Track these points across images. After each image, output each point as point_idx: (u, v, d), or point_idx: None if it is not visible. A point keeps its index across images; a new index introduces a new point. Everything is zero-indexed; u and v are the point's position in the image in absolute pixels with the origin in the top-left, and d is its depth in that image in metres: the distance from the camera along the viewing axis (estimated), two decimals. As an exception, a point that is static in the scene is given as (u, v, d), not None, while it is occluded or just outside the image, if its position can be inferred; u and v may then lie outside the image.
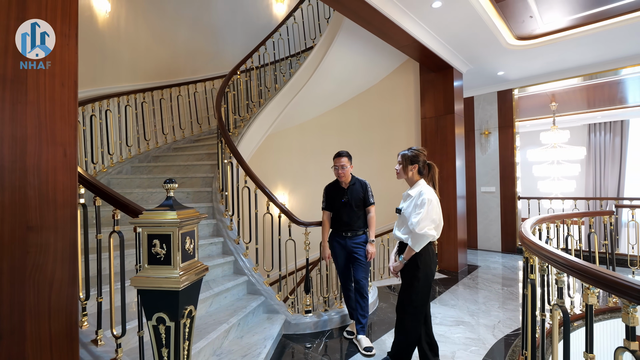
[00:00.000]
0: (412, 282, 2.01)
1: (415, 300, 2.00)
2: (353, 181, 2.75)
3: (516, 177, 5.84)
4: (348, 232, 2.70)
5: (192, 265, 1.30)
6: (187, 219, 1.26)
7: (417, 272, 1.99)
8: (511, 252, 5.79)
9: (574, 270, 1.05)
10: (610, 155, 8.47)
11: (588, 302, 1.01)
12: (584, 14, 3.82)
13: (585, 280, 0.99)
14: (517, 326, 2.91)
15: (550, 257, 1.26)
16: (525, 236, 1.57)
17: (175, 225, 1.20)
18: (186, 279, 1.22)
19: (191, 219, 1.28)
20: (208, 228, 3.24)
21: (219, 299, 2.66)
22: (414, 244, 1.94)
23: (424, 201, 1.93)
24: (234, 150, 3.08)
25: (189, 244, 1.29)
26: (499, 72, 5.28)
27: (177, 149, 4.79)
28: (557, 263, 1.23)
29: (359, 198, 2.70)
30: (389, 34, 3.73)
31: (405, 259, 2.01)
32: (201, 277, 1.34)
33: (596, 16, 3.87)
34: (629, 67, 5.00)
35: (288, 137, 6.32)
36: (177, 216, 1.21)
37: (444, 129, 4.81)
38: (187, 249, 1.28)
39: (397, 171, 2.17)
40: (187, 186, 3.78)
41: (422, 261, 1.98)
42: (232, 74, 4.22)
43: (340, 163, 2.68)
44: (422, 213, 1.90)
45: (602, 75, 5.49)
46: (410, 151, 2.12)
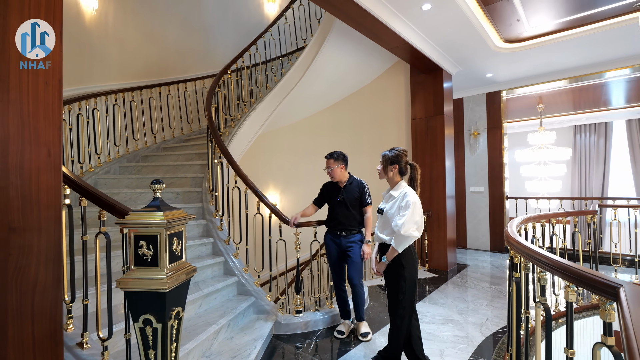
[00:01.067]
0: (399, 282, 2.03)
1: (404, 301, 2.03)
2: (350, 181, 2.78)
3: (504, 178, 5.95)
4: (342, 230, 2.72)
5: (180, 267, 1.29)
6: (175, 220, 1.25)
7: (403, 271, 2.02)
8: (499, 251, 5.89)
9: (556, 269, 1.08)
10: (595, 156, 8.69)
11: (568, 299, 1.04)
12: (569, 18, 3.91)
13: (566, 278, 1.02)
14: (504, 323, 2.96)
15: (533, 255, 1.29)
16: (510, 235, 1.61)
17: (162, 226, 1.19)
18: (174, 280, 1.21)
19: (179, 219, 1.28)
20: (198, 229, 3.21)
21: (209, 300, 2.65)
22: (398, 244, 1.96)
23: (408, 203, 1.95)
24: (224, 150, 3.07)
25: (176, 245, 1.28)
26: (487, 74, 5.37)
27: (166, 148, 4.73)
28: (540, 262, 1.26)
29: (354, 198, 2.72)
30: (379, 35, 3.76)
31: (388, 259, 2.03)
32: (189, 278, 1.34)
33: (580, 20, 3.96)
34: (612, 70, 5.14)
35: (279, 137, 6.31)
36: (165, 217, 1.20)
37: (434, 129, 4.86)
38: (175, 250, 1.27)
39: (379, 171, 2.20)
40: (177, 186, 3.74)
41: (406, 260, 2.02)
42: (222, 73, 4.19)
43: (326, 165, 2.76)
44: (406, 215, 1.92)
45: (587, 78, 5.62)
46: (391, 152, 2.15)
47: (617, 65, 5.06)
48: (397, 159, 2.11)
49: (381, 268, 2.10)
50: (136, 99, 4.58)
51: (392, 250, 2.00)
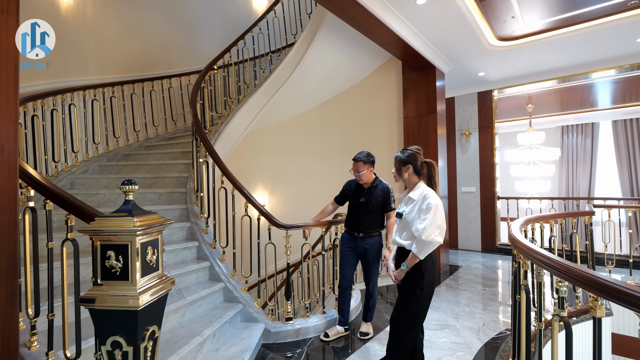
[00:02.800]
0: (414, 291, 1.88)
1: (415, 310, 1.88)
2: (375, 183, 2.69)
3: (496, 178, 5.93)
4: (360, 232, 2.66)
5: (156, 280, 1.13)
6: (149, 226, 1.09)
7: (422, 280, 1.87)
8: (491, 251, 5.87)
9: (580, 280, 0.97)
10: (581, 157, 8.81)
11: (596, 315, 0.94)
12: (562, 17, 3.88)
13: (593, 291, 0.91)
14: (502, 329, 2.88)
15: (550, 263, 1.18)
16: (519, 240, 1.50)
17: (134, 233, 1.03)
18: (147, 296, 1.05)
19: (154, 225, 1.11)
20: (182, 231, 3.03)
21: (193, 308, 2.47)
22: (419, 251, 1.81)
23: (429, 206, 1.81)
24: (210, 148, 2.89)
25: (151, 254, 1.12)
26: (479, 72, 5.33)
27: (149, 147, 4.51)
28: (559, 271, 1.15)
29: (377, 202, 2.64)
30: (372, 30, 3.64)
31: (408, 266, 1.88)
32: (166, 292, 1.17)
33: (573, 19, 3.94)
34: (599, 70, 5.16)
35: (268, 135, 6.14)
36: (137, 223, 1.04)
37: (426, 128, 4.78)
38: (149, 260, 1.11)
39: (394, 174, 2.06)
40: (160, 187, 3.54)
41: (426, 269, 1.87)
42: (209, 67, 4.01)
43: (355, 168, 2.64)
44: (428, 219, 1.78)
45: (575, 79, 5.66)
46: (403, 153, 2.01)
47: (604, 66, 5.09)
48: (410, 159, 1.97)
49: (400, 275, 1.94)
50: (117, 95, 4.35)
51: (413, 257, 1.85)
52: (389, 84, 5.28)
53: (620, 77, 5.76)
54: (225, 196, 2.86)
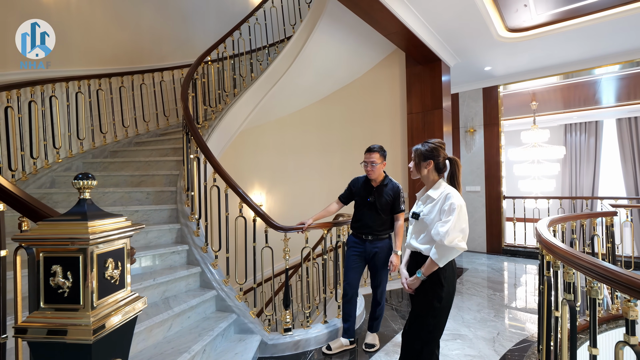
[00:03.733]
0: (431, 303, 1.64)
1: (432, 324, 1.64)
2: (385, 182, 2.45)
3: (501, 176, 5.72)
4: (369, 235, 2.43)
5: (118, 301, 0.89)
6: (109, 233, 0.84)
7: (441, 290, 1.62)
8: (497, 252, 5.66)
9: None
10: (585, 155, 8.63)
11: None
12: (575, 6, 3.66)
13: None
14: (518, 338, 2.66)
15: (608, 275, 0.95)
16: (559, 246, 1.27)
17: (86, 242, 0.79)
18: (106, 323, 0.81)
19: (116, 231, 0.87)
20: (171, 234, 2.78)
21: (181, 319, 2.23)
22: (440, 257, 1.57)
23: (453, 207, 1.57)
24: (201, 143, 2.64)
25: (111, 269, 0.87)
26: (486, 67, 5.11)
27: (139, 143, 4.25)
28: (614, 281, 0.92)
29: (386, 202, 2.41)
30: (376, 18, 3.41)
31: (425, 274, 1.64)
32: (134, 316, 0.93)
33: (586, 9, 3.73)
34: (608, 65, 4.95)
35: (266, 132, 5.89)
36: (92, 229, 0.80)
37: (431, 125, 4.56)
38: (109, 276, 0.86)
39: (410, 169, 1.83)
40: (148, 185, 3.28)
41: (446, 277, 1.63)
42: (202, 58, 3.76)
43: (370, 159, 2.39)
44: (451, 221, 1.54)
45: (581, 75, 5.45)
46: (424, 145, 1.77)
47: (615, 60, 4.88)
48: (432, 154, 1.72)
49: (415, 284, 1.69)
50: (104, 88, 4.08)
51: (431, 264, 1.61)
52: (392, 79, 5.05)
53: (626, 73, 5.57)
54: (217, 195, 2.61)
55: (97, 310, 0.80)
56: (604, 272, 0.98)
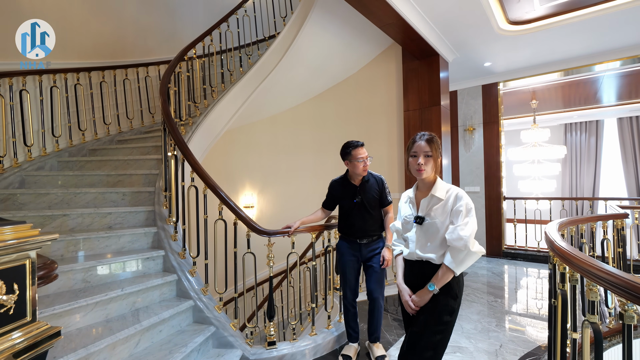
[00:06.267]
0: (441, 317, 1.42)
1: (438, 342, 1.42)
2: (367, 177, 2.28)
3: (502, 177, 5.53)
4: (364, 238, 2.27)
5: (14, 336, 0.67)
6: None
7: (454, 302, 1.43)
8: (497, 255, 5.46)
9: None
10: (586, 155, 8.47)
11: None
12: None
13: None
14: (523, 351, 2.45)
15: None
16: (580, 257, 1.06)
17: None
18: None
19: (12, 246, 0.66)
20: (146, 238, 2.56)
21: (151, 334, 2.00)
22: (459, 264, 1.38)
23: (469, 207, 1.40)
24: (178, 139, 2.43)
25: (3, 293, 0.66)
26: (485, 63, 4.92)
27: (121, 141, 4.02)
28: None
29: (373, 197, 2.24)
30: (370, 7, 3.20)
31: (438, 287, 1.42)
32: (40, 352, 0.71)
33: (588, 0, 3.54)
34: (612, 61, 4.77)
35: (257, 131, 5.68)
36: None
37: (429, 122, 4.35)
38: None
39: (422, 167, 1.48)
40: (125, 185, 3.06)
41: (459, 287, 1.45)
42: (186, 50, 3.54)
43: (366, 154, 2.25)
44: (470, 224, 1.36)
45: (583, 71, 5.27)
46: (432, 135, 1.54)
47: (618, 55, 4.70)
48: (441, 148, 1.55)
49: (424, 300, 1.45)
50: (83, 83, 3.86)
51: (447, 272, 1.40)
52: (388, 75, 4.84)
53: (627, 70, 5.40)
54: (195, 196, 2.39)
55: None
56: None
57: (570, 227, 2.26)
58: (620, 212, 2.53)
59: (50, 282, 0.79)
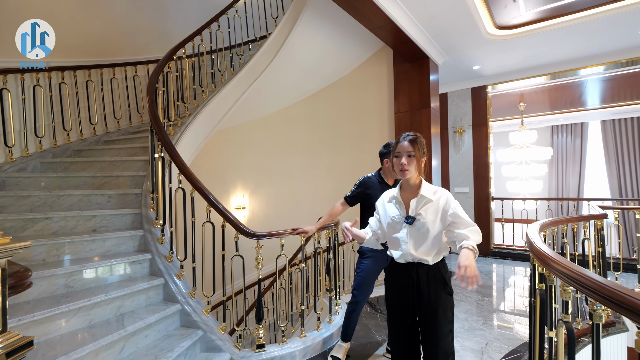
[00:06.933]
0: (446, 314, 1.46)
1: (452, 341, 1.49)
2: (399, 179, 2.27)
3: (490, 178, 5.61)
4: None
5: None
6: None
7: (452, 298, 1.50)
8: (485, 255, 5.54)
9: None
10: (571, 157, 8.66)
11: None
12: (564, 2, 3.55)
13: None
14: (508, 349, 2.50)
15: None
16: (555, 259, 1.08)
17: None
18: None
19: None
20: (133, 241, 2.52)
21: (136, 339, 1.97)
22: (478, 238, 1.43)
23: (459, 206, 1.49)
24: (165, 141, 2.40)
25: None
26: (474, 66, 4.98)
27: (108, 142, 3.95)
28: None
29: None
30: (361, 10, 3.21)
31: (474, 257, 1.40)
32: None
33: (574, 6, 3.62)
34: (595, 65, 4.88)
35: (250, 131, 5.65)
36: None
37: (419, 124, 4.39)
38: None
39: (405, 167, 1.48)
40: (112, 187, 3.01)
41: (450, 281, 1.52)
42: (175, 50, 3.50)
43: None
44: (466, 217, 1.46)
45: (568, 75, 5.40)
46: (417, 135, 1.55)
47: (601, 60, 4.81)
48: (424, 148, 1.57)
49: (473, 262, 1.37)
50: (68, 82, 3.78)
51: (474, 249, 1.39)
52: (380, 77, 4.87)
53: (610, 74, 5.55)
54: (183, 199, 2.37)
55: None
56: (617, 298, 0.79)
57: (552, 228, 2.31)
58: (600, 213, 2.60)
59: (23, 291, 0.77)
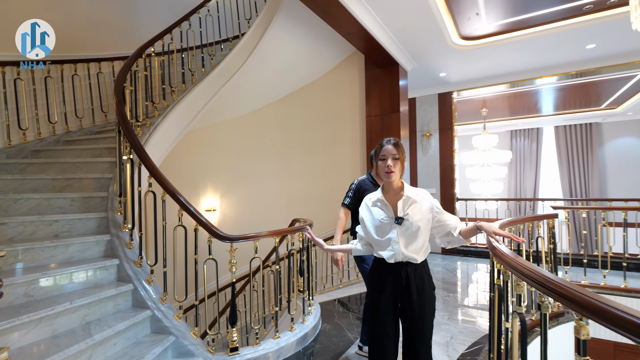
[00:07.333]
0: (432, 306, 1.57)
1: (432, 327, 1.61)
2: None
3: (455, 179, 5.91)
4: None
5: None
6: None
7: (434, 290, 1.62)
8: (450, 253, 5.83)
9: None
10: (528, 160, 9.30)
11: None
12: (522, 17, 3.84)
13: None
14: (471, 341, 2.67)
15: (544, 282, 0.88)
16: (510, 256, 1.21)
17: None
18: None
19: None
20: (99, 246, 2.42)
21: (105, 348, 1.91)
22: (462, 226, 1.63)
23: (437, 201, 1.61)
24: (135, 142, 2.33)
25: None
26: (441, 73, 5.24)
27: (69, 142, 3.75)
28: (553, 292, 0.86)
29: None
30: (334, 17, 3.29)
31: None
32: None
33: (531, 21, 3.93)
34: (549, 76, 5.32)
35: (221, 132, 5.57)
36: None
37: (390, 127, 4.56)
38: None
39: (391, 169, 1.56)
40: (75, 190, 2.86)
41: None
42: (144, 48, 3.39)
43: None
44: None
45: (525, 84, 5.83)
46: (399, 141, 1.65)
47: (554, 71, 5.24)
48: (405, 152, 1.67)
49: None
50: (24, 77, 3.55)
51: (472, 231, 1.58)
52: (352, 80, 4.99)
53: (562, 84, 6.07)
54: (154, 202, 2.31)
55: None
56: (560, 290, 0.91)
57: (510, 227, 2.50)
58: (551, 213, 2.85)
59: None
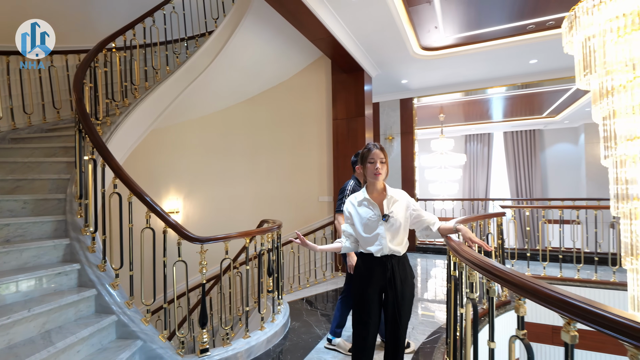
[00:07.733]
0: (412, 293, 1.73)
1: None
2: None
3: (415, 180, 6.26)
4: None
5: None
6: None
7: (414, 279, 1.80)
8: (411, 250, 6.16)
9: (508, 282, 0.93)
10: (480, 162, 10.05)
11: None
12: (474, 32, 4.21)
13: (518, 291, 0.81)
14: (430, 330, 2.89)
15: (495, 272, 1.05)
16: (464, 250, 1.38)
17: None
18: None
19: None
20: (56, 251, 2.30)
21: (67, 356, 1.84)
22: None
23: (413, 200, 1.80)
24: (98, 143, 2.25)
25: None
26: (403, 80, 5.54)
27: (17, 140, 3.47)
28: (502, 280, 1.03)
29: None
30: (303, 22, 3.39)
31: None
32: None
33: (483, 36, 4.32)
34: (499, 86, 5.85)
35: (186, 131, 5.43)
36: None
37: (355, 131, 4.75)
38: None
39: (379, 171, 1.73)
40: (27, 192, 2.68)
41: None
42: (105, 43, 3.24)
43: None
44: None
45: (478, 93, 6.35)
46: (382, 146, 1.84)
47: (503, 82, 5.76)
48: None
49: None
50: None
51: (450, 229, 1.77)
52: (319, 84, 5.12)
53: (510, 94, 6.70)
54: (119, 204, 2.25)
55: None
56: (503, 275, 1.08)
57: (465, 225, 2.75)
58: (499, 212, 3.18)
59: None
